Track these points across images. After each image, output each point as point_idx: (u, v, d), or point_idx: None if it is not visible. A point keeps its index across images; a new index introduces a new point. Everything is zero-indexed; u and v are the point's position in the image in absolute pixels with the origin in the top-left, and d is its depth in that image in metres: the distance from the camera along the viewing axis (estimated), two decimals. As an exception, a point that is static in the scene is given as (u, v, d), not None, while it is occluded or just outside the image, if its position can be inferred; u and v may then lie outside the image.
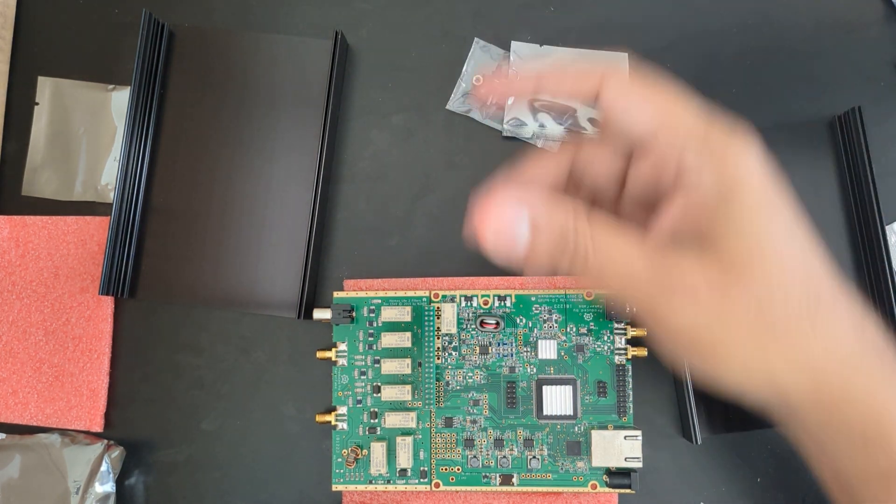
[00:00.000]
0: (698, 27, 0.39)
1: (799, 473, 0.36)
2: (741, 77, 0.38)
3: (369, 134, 0.39)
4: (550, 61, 0.38)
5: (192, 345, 0.38)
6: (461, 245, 0.38)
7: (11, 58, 0.40)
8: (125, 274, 0.37)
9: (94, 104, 0.39)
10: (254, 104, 0.38)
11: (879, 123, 0.37)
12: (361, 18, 0.39)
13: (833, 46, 0.38)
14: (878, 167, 0.36)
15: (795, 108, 0.38)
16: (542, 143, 0.38)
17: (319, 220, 0.37)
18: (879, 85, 0.38)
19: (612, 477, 0.34)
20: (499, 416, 0.35)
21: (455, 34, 0.39)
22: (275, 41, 0.39)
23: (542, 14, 0.39)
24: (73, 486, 0.34)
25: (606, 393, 0.35)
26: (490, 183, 0.21)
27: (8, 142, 0.39)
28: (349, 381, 0.35)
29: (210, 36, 0.39)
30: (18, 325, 0.37)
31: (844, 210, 0.37)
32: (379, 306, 0.35)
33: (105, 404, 0.37)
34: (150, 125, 0.38)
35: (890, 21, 0.38)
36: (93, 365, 0.37)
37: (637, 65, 0.38)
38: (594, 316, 0.35)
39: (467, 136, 0.38)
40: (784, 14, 0.39)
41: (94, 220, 0.38)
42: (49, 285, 0.38)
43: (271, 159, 0.38)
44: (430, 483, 0.35)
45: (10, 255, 0.38)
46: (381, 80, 0.39)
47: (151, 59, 0.38)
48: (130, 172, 0.37)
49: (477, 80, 0.38)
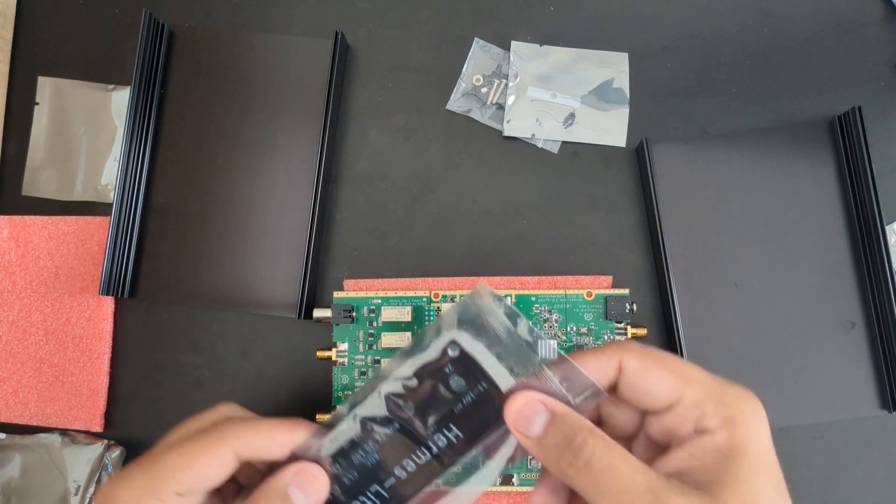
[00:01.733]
0: (698, 27, 0.39)
1: (799, 473, 0.36)
2: (741, 77, 0.38)
3: (369, 134, 0.39)
4: (551, 60, 0.38)
5: (192, 345, 0.38)
6: (461, 245, 0.38)
7: (11, 58, 0.40)
8: (125, 274, 0.37)
9: (94, 104, 0.39)
10: (254, 104, 0.38)
11: (879, 123, 0.37)
12: (361, 18, 0.39)
13: (833, 46, 0.38)
14: (878, 167, 0.36)
15: (795, 108, 0.38)
16: (542, 144, 0.38)
17: (319, 220, 0.37)
18: (879, 85, 0.38)
19: (612, 477, 0.34)
20: (499, 416, 0.35)
21: (455, 34, 0.39)
22: (275, 41, 0.39)
23: (542, 14, 0.39)
24: (73, 486, 0.34)
25: (606, 393, 0.35)
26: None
27: (8, 142, 0.39)
28: (349, 381, 0.35)
29: (210, 36, 0.39)
30: (18, 325, 0.37)
31: (844, 210, 0.37)
32: (379, 306, 0.35)
33: (105, 404, 0.37)
34: (150, 125, 0.38)
35: (890, 21, 0.38)
36: (93, 365, 0.37)
37: (637, 64, 0.38)
38: (594, 316, 0.35)
39: (467, 136, 0.38)
40: (784, 14, 0.39)
41: (94, 220, 0.38)
42: (49, 285, 0.38)
43: (271, 159, 0.38)
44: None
45: (10, 255, 0.38)
46: (381, 80, 0.39)
47: (151, 59, 0.38)
48: (130, 172, 0.37)
49: (477, 79, 0.38)
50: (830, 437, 0.36)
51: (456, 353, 0.25)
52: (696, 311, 0.36)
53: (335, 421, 0.25)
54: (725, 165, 0.37)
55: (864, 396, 0.35)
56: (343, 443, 0.25)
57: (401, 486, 0.25)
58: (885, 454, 0.35)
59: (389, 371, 0.25)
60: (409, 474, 0.25)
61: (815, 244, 0.36)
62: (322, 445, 0.25)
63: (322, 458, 0.25)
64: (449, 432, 0.25)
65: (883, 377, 0.35)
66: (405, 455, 0.25)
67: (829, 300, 0.36)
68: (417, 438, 0.25)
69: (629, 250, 0.37)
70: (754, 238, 0.37)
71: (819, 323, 0.36)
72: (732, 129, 0.38)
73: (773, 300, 0.36)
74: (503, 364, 0.25)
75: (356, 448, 0.25)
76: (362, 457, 0.25)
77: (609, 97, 0.38)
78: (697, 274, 0.36)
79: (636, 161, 0.38)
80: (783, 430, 0.36)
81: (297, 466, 0.24)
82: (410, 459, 0.25)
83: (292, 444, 0.24)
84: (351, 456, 0.25)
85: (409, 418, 0.25)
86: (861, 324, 0.36)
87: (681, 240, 0.36)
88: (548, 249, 0.37)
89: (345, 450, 0.25)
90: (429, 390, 0.25)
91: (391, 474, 0.25)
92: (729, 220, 0.37)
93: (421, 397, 0.25)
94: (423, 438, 0.25)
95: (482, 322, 0.25)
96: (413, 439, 0.25)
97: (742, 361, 0.36)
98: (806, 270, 0.36)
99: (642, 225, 0.37)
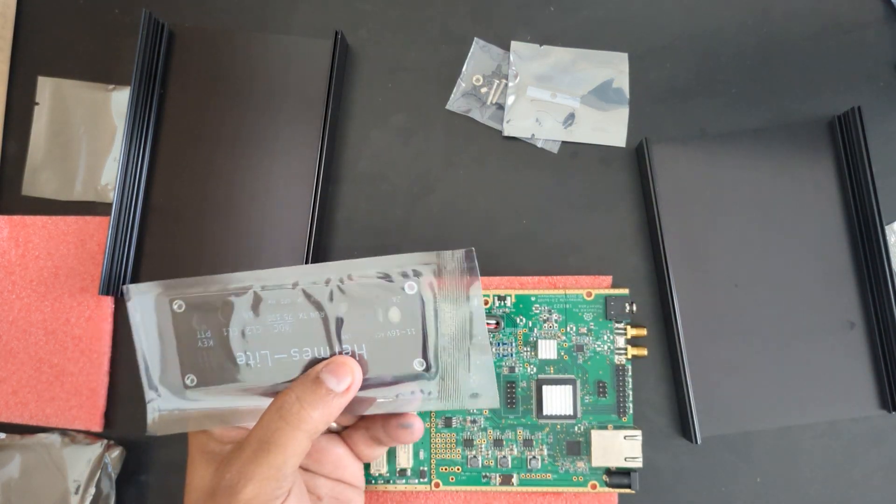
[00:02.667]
0: (698, 27, 0.39)
1: (799, 473, 0.36)
2: (741, 77, 0.38)
3: (369, 134, 0.39)
4: (551, 60, 0.38)
5: (192, 345, 0.37)
6: (461, 245, 0.38)
7: (11, 58, 0.40)
8: (125, 274, 0.37)
9: (94, 104, 0.39)
10: (254, 104, 0.38)
11: (879, 123, 0.37)
12: (361, 18, 0.40)
13: (833, 46, 0.38)
14: (878, 167, 0.36)
15: (795, 108, 0.38)
16: (542, 144, 0.38)
17: (319, 220, 0.37)
18: (879, 85, 0.38)
19: (611, 477, 0.34)
20: (498, 415, 0.35)
21: (455, 34, 0.39)
22: (275, 41, 0.39)
23: (542, 14, 0.39)
24: (73, 486, 0.34)
25: (606, 393, 0.35)
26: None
27: (8, 142, 0.39)
28: (349, 381, 0.35)
29: (210, 36, 0.39)
30: (18, 325, 0.37)
31: (844, 210, 0.37)
32: (379, 306, 0.35)
33: (105, 404, 0.37)
34: (150, 125, 0.38)
35: (890, 21, 0.38)
36: (93, 365, 0.37)
37: (637, 64, 0.38)
38: (594, 316, 0.35)
39: (467, 136, 0.38)
40: (784, 14, 0.39)
41: (93, 219, 0.38)
42: (49, 285, 0.38)
43: (271, 159, 0.38)
44: (430, 483, 0.35)
45: (10, 255, 0.38)
46: (381, 80, 0.39)
47: (151, 59, 0.38)
48: (130, 172, 0.37)
49: (477, 79, 0.38)
50: (830, 437, 0.36)
51: (413, 291, 0.26)
52: (696, 311, 0.36)
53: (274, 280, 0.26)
54: (725, 165, 0.37)
55: (864, 396, 0.35)
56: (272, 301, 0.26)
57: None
58: (885, 454, 0.35)
59: (347, 267, 0.26)
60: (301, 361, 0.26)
61: (814, 244, 0.36)
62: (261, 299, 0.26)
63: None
64: (358, 348, 0.26)
65: (883, 377, 0.35)
66: (307, 343, 0.26)
67: (828, 300, 0.36)
68: (325, 335, 0.26)
69: (629, 250, 0.37)
70: (754, 238, 0.37)
71: (819, 323, 0.36)
72: (732, 129, 0.38)
73: (773, 300, 0.36)
74: (431, 337, 0.26)
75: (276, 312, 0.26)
76: (276, 322, 0.26)
77: (609, 97, 0.38)
78: (697, 274, 0.36)
79: (636, 161, 0.38)
80: (783, 430, 0.36)
81: (331, 359, 0.26)
82: (309, 349, 0.26)
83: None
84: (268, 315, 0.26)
85: (335, 315, 0.26)
86: (861, 324, 0.36)
87: (681, 240, 0.36)
88: (548, 249, 0.37)
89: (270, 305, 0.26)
90: (371, 302, 0.26)
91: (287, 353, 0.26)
92: (729, 220, 0.37)
93: (361, 304, 0.26)
94: (329, 336, 0.26)
95: (455, 297, 0.26)
96: (319, 334, 0.26)
97: (742, 361, 0.36)
98: (806, 270, 0.36)
99: (642, 225, 0.37)
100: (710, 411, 0.35)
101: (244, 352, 0.26)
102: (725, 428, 0.35)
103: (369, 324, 0.26)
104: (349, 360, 0.26)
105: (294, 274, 0.26)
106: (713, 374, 0.35)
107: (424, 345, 0.26)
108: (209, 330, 0.26)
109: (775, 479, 0.35)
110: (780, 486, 0.35)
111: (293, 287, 0.26)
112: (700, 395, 0.35)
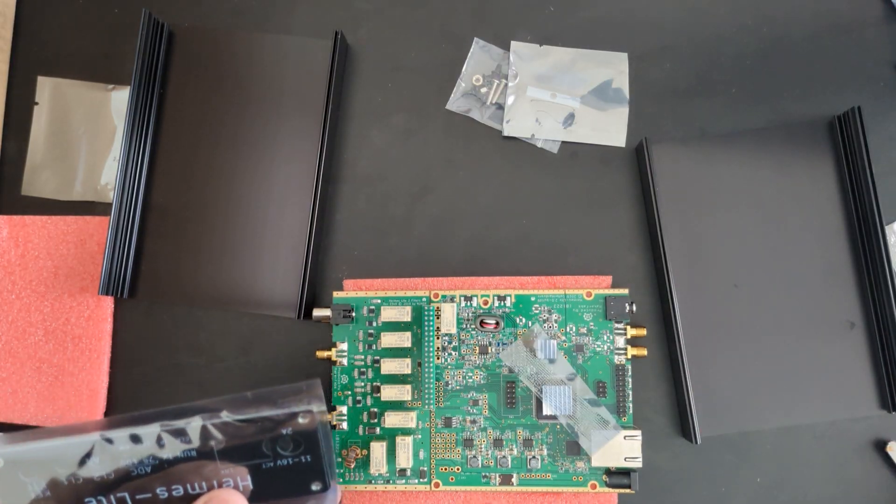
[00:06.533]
0: (698, 27, 0.39)
1: (799, 473, 0.36)
2: (741, 77, 0.38)
3: (369, 134, 0.39)
4: (550, 60, 0.38)
5: (192, 345, 0.38)
6: (461, 245, 0.38)
7: (11, 58, 0.40)
8: (125, 274, 0.37)
9: (94, 104, 0.39)
10: (254, 104, 0.38)
11: (879, 123, 0.37)
12: (361, 18, 0.40)
13: (833, 46, 0.38)
14: (878, 167, 0.36)
15: (795, 109, 0.38)
16: (542, 144, 0.38)
17: (319, 220, 0.37)
18: (879, 85, 0.38)
19: (611, 477, 0.34)
20: (498, 415, 0.35)
21: (455, 34, 0.39)
22: (275, 41, 0.39)
23: (542, 14, 0.39)
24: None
25: (606, 393, 0.35)
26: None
27: (8, 142, 0.39)
28: (349, 381, 0.35)
29: (210, 36, 0.39)
30: (18, 325, 0.37)
31: (844, 210, 0.37)
32: (378, 306, 0.35)
33: (105, 404, 0.37)
34: (149, 125, 0.38)
35: (890, 21, 0.38)
36: (93, 365, 0.37)
37: (636, 64, 0.38)
38: (594, 316, 0.35)
39: (467, 136, 0.38)
40: (784, 14, 0.39)
41: (93, 219, 0.38)
42: (49, 285, 0.38)
43: (271, 159, 0.38)
44: (430, 483, 0.35)
45: (10, 255, 0.38)
46: (381, 80, 0.39)
47: (151, 59, 0.38)
48: (130, 172, 0.37)
49: (476, 79, 0.38)
50: (830, 437, 0.36)
51: (306, 421, 0.26)
52: (696, 311, 0.36)
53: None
54: (725, 165, 0.37)
55: (864, 396, 0.35)
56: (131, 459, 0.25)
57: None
58: (885, 454, 0.35)
59: (222, 405, 0.26)
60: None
61: (814, 244, 0.36)
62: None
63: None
64: (242, 480, 0.26)
65: (883, 377, 0.35)
66: (189, 481, 0.25)
67: (828, 300, 0.36)
68: (208, 472, 0.26)
69: (629, 250, 0.37)
70: (754, 238, 0.37)
71: (819, 323, 0.36)
72: (732, 129, 0.38)
73: (772, 300, 0.36)
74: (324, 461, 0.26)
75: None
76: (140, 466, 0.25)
77: (608, 97, 0.38)
78: (697, 274, 0.36)
79: (636, 161, 0.38)
80: (783, 430, 0.36)
81: (210, 494, 0.25)
82: (190, 485, 0.25)
83: None
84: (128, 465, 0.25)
85: (210, 451, 0.25)
86: (861, 324, 0.36)
87: (681, 240, 0.36)
88: (547, 249, 0.37)
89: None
90: (251, 435, 0.25)
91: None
92: (729, 220, 0.37)
93: (239, 438, 0.25)
94: (213, 473, 0.26)
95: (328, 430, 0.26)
96: (203, 469, 0.26)
97: (742, 361, 0.36)
98: (805, 270, 0.36)
99: (642, 225, 0.37)
100: (710, 411, 0.35)
101: (94, 498, 0.25)
102: (725, 428, 0.35)
103: (253, 454, 0.26)
104: (232, 492, 0.25)
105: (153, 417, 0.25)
106: (713, 374, 0.35)
107: (322, 468, 0.26)
108: (43, 481, 0.25)
109: (775, 479, 0.35)
110: (780, 486, 0.35)
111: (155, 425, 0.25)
112: (700, 395, 0.35)
